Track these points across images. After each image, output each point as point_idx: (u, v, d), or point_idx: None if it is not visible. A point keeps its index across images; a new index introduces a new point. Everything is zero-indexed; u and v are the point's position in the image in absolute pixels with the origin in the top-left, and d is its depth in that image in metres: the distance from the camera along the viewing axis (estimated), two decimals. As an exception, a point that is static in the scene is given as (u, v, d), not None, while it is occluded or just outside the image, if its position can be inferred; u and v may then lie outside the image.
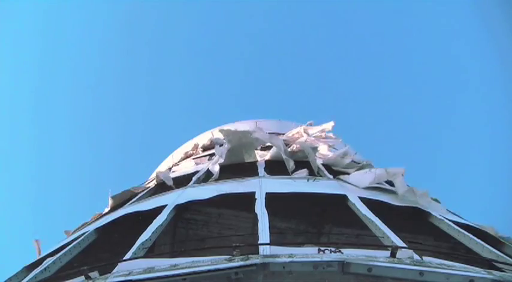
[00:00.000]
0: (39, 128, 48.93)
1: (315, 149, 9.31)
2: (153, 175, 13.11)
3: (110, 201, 8.92)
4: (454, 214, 6.67)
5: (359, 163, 8.60)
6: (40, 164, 48.38)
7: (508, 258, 4.59)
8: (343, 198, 6.00)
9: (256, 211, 5.16)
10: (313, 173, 7.86)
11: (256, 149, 10.01)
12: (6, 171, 41.34)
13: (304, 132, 11.80)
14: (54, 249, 6.33)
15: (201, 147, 13.40)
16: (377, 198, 6.07)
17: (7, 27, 38.04)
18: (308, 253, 3.66)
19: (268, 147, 9.89)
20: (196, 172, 8.79)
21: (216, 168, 8.35)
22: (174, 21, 58.65)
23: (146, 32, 58.34)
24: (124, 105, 61.03)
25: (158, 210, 5.76)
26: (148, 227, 5.12)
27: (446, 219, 5.85)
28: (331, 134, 12.27)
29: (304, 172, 7.59)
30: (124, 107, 60.80)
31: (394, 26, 53.81)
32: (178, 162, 12.91)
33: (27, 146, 49.28)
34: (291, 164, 8.04)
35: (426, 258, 3.72)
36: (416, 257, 3.74)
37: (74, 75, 54.20)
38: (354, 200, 5.78)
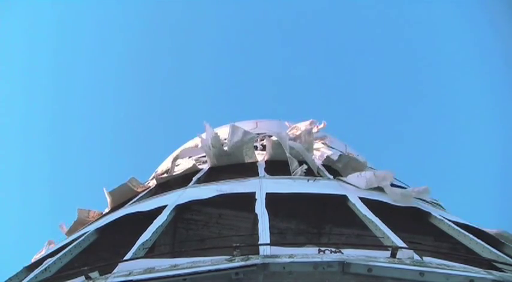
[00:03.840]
0: (48, 129, 49.14)
1: (310, 143, 9.30)
2: (154, 175, 13.14)
3: (109, 198, 8.91)
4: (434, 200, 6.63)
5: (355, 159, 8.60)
6: (42, 164, 48.41)
7: (508, 258, 4.60)
8: (343, 198, 6.01)
9: (256, 211, 5.16)
10: (313, 173, 7.86)
11: (256, 149, 10.02)
12: (5, 171, 41.37)
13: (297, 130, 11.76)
14: (54, 249, 6.34)
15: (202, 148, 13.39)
16: (377, 199, 6.07)
17: (23, 26, 38.16)
18: (308, 253, 3.67)
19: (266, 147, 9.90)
20: (197, 172, 8.79)
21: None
22: (174, 22, 58.69)
23: (145, 32, 58.37)
24: (124, 105, 61.02)
25: (158, 211, 5.77)
26: (149, 227, 5.13)
27: (446, 219, 5.86)
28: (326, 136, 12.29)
29: (303, 167, 7.59)
30: (124, 107, 60.80)
31: (395, 25, 53.78)
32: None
33: (37, 146, 49.26)
34: (294, 164, 8.05)
35: (426, 259, 3.72)
36: (416, 257, 3.74)
37: (77, 76, 54.23)
38: (354, 200, 5.78)
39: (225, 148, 8.98)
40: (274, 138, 9.51)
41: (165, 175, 9.73)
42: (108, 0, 46.51)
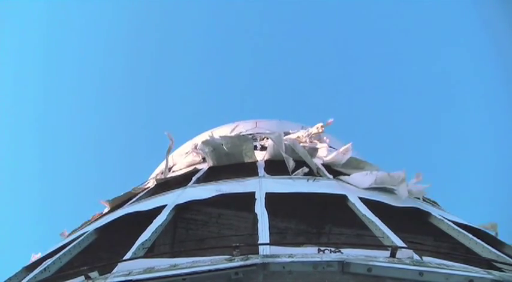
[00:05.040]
0: (42, 129, 49.14)
1: (315, 150, 9.31)
2: (153, 175, 13.14)
3: (108, 205, 8.89)
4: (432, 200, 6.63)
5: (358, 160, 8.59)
6: (41, 164, 48.38)
7: (507, 258, 4.60)
8: (343, 198, 6.01)
9: (256, 211, 5.16)
10: (312, 173, 7.86)
11: (256, 149, 10.01)
12: (7, 171, 41.34)
13: (307, 135, 11.80)
14: (54, 249, 6.33)
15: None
16: (377, 199, 6.07)
17: (11, 26, 38.15)
18: (308, 253, 3.67)
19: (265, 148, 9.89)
20: (196, 171, 8.79)
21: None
22: (175, 22, 58.71)
23: (146, 32, 58.37)
24: (125, 105, 61.02)
25: (158, 210, 5.76)
26: (148, 227, 5.12)
27: (446, 219, 5.86)
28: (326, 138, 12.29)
29: (304, 170, 7.59)
30: (125, 107, 60.78)
31: (394, 26, 53.81)
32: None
33: (29, 147, 49.26)
34: (291, 163, 8.04)
35: (426, 258, 3.72)
36: (416, 257, 3.74)
37: (75, 76, 54.21)
38: (354, 200, 5.78)
39: (224, 147, 8.98)
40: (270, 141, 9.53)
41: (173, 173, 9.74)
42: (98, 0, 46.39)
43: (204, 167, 9.15)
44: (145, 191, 8.70)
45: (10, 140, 46.80)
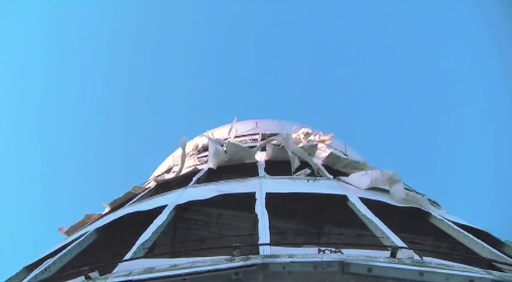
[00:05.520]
0: (44, 129, 49.22)
1: (314, 147, 9.33)
2: (153, 175, 13.14)
3: (109, 206, 8.89)
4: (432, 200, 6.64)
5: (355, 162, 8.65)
6: (42, 164, 48.43)
7: (507, 258, 4.60)
8: (343, 198, 6.01)
9: (256, 211, 5.16)
10: (313, 173, 7.87)
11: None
12: (8, 171, 41.38)
13: (304, 136, 11.87)
14: (54, 249, 6.34)
15: (202, 148, 13.40)
16: (377, 199, 6.08)
17: (13, 27, 38.22)
18: (308, 253, 3.67)
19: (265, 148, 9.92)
20: (197, 172, 8.79)
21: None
22: (176, 21, 58.75)
23: (148, 31, 58.42)
24: (125, 105, 61.03)
25: (158, 211, 5.77)
26: (149, 227, 5.13)
27: (446, 219, 5.86)
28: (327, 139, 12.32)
29: (307, 171, 7.61)
30: (125, 107, 60.78)
31: (394, 26, 53.80)
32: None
33: (30, 147, 49.29)
34: (295, 162, 8.06)
35: (426, 259, 3.72)
36: (416, 257, 3.74)
37: (76, 76, 54.26)
38: (354, 200, 5.79)
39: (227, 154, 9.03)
40: (274, 142, 9.57)
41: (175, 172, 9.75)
42: (97, 1, 46.33)
43: (205, 167, 9.15)
44: (146, 191, 8.71)
45: (11, 140, 46.88)
